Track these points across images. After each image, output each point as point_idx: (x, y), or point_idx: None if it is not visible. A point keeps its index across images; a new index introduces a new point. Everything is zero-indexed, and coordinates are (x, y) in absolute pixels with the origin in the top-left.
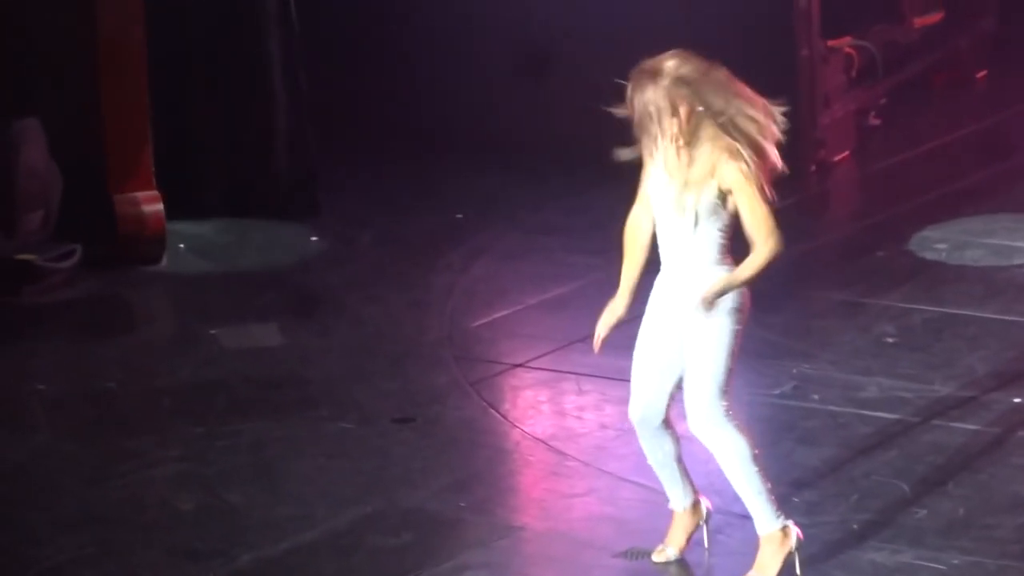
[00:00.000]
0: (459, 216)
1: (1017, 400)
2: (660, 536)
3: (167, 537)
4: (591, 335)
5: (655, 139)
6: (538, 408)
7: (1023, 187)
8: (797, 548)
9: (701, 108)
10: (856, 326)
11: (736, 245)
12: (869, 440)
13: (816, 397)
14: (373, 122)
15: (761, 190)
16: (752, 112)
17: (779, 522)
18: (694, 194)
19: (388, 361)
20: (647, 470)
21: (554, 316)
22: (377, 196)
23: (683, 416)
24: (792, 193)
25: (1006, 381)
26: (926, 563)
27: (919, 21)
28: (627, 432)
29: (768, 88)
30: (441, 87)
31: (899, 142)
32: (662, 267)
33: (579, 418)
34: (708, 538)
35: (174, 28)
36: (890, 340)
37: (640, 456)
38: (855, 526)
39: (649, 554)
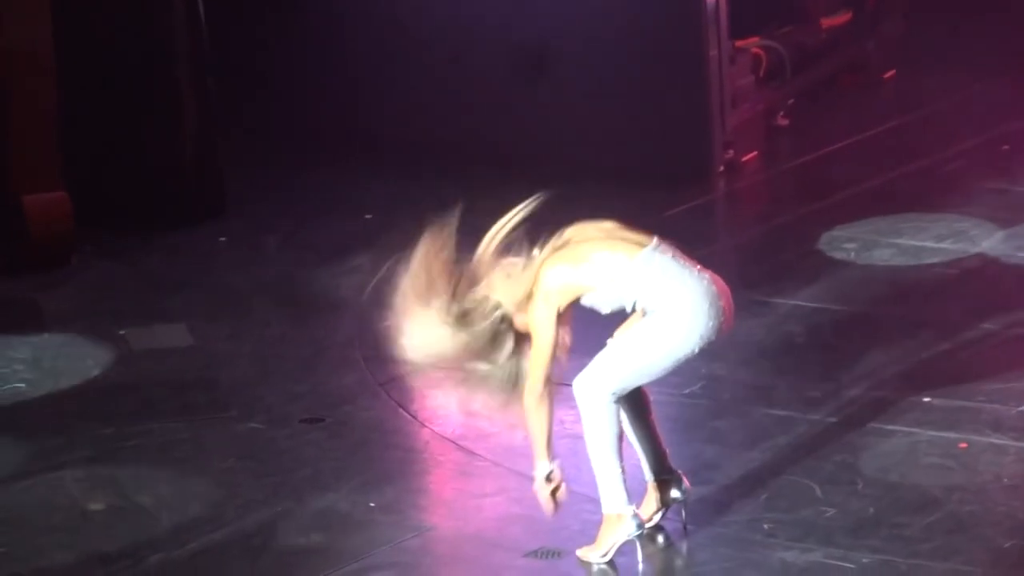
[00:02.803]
0: (368, 217)
1: (926, 399)
2: (570, 535)
3: (76, 539)
4: None
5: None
6: (447, 408)
7: (931, 187)
8: (636, 535)
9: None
10: (765, 325)
11: None
12: (778, 439)
13: (726, 396)
14: (281, 124)
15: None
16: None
17: (623, 508)
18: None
19: (297, 362)
20: None
21: None
22: (285, 198)
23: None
24: (700, 194)
25: (915, 380)
26: (836, 562)
27: (827, 22)
28: None
29: (676, 87)
30: (349, 90)
31: (807, 142)
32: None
33: (488, 418)
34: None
35: (81, 30)
36: (799, 340)
37: None
38: (765, 525)
39: (559, 553)
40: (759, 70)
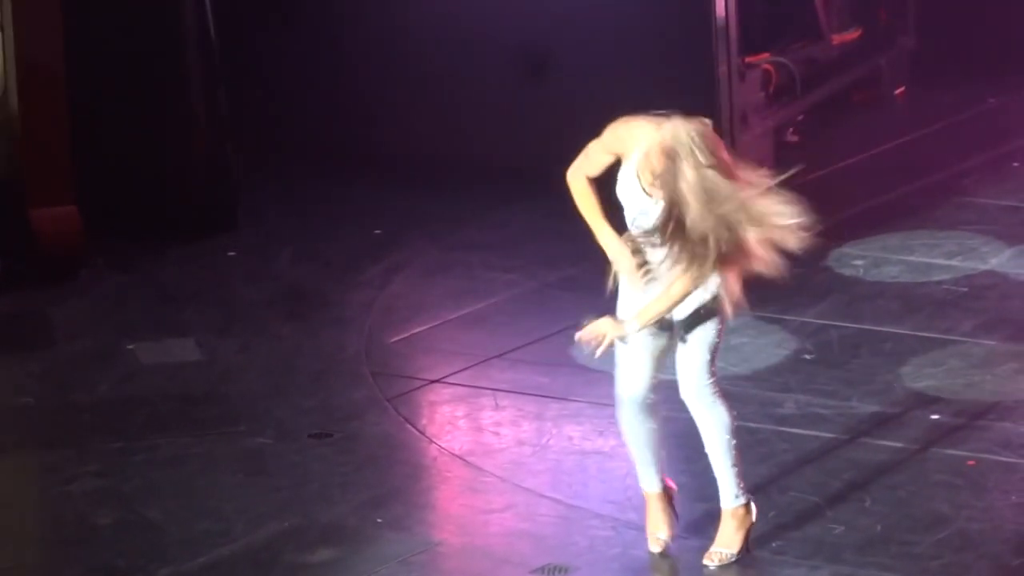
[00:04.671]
0: (377, 232)
1: (935, 417)
2: (577, 551)
3: (85, 553)
4: (508, 351)
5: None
6: (455, 424)
7: (940, 204)
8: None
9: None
10: (774, 342)
11: None
12: (787, 456)
13: (733, 413)
14: (292, 138)
15: None
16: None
17: (743, 498)
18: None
19: (307, 377)
20: (563, 486)
21: (472, 332)
22: (296, 212)
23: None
24: None
25: (924, 398)
26: None
27: (837, 38)
28: (543, 448)
29: (686, 105)
30: (359, 103)
31: (817, 159)
32: (638, 265)
33: (496, 434)
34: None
35: (94, 46)
36: (808, 357)
37: (557, 472)
38: (773, 543)
39: (565, 569)
40: (769, 86)
